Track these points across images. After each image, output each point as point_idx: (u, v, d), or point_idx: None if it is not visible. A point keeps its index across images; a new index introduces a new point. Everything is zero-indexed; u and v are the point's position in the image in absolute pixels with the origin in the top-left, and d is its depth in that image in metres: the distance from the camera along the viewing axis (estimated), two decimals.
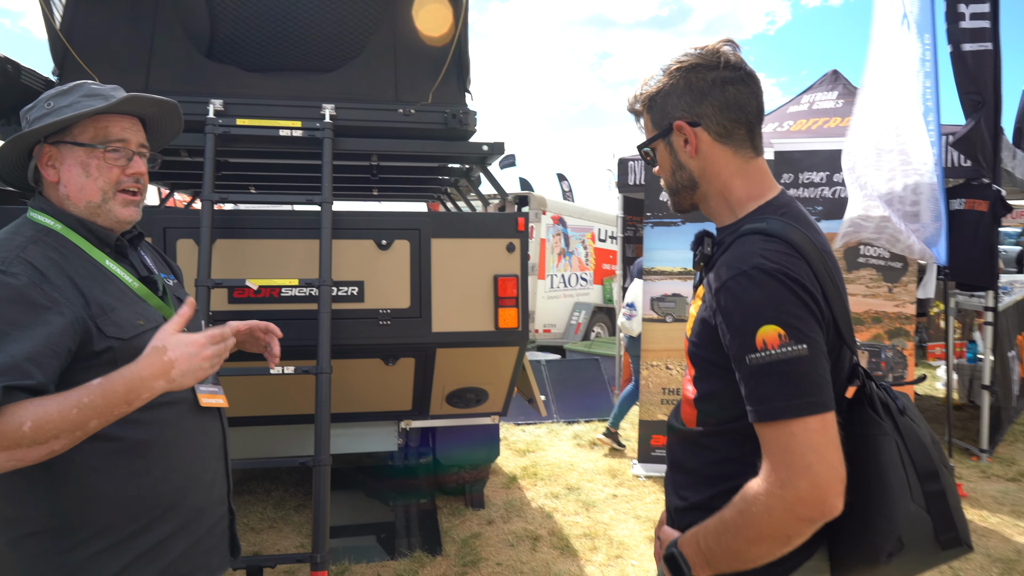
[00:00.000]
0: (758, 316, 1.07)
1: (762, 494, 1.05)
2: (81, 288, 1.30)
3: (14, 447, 1.14)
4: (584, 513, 4.32)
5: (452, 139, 3.28)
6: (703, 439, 1.24)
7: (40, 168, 1.41)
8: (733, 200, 1.26)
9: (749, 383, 1.09)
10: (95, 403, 1.20)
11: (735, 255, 1.15)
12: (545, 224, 9.00)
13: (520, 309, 3.19)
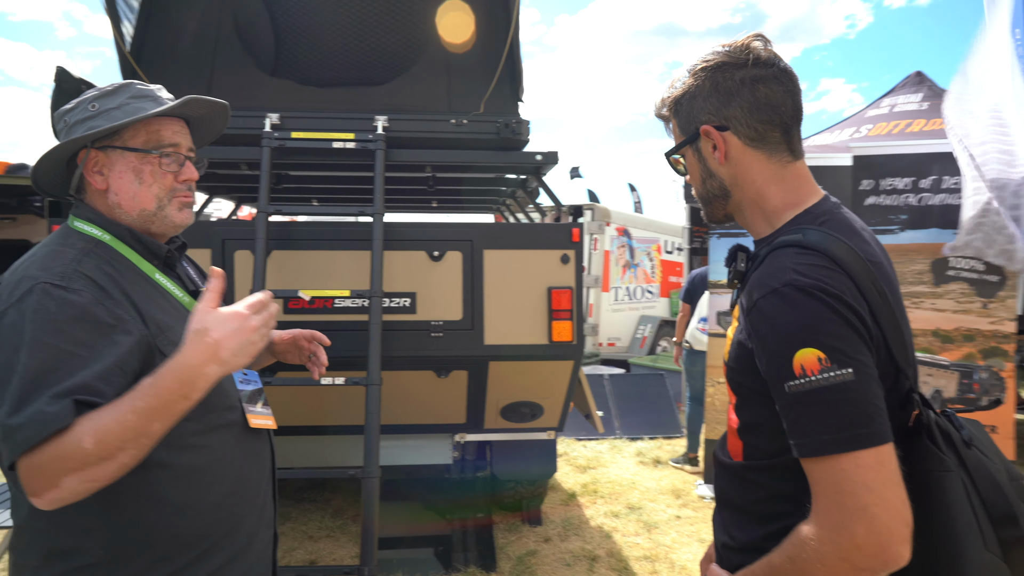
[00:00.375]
0: (794, 339, 0.96)
1: (813, 539, 0.94)
2: (138, 305, 1.23)
3: (82, 467, 1.07)
4: (645, 534, 4.16)
5: (505, 149, 3.23)
6: (749, 474, 1.13)
7: (86, 175, 1.31)
8: (769, 209, 1.15)
9: (790, 414, 0.98)
10: (151, 404, 1.11)
11: (766, 272, 1.04)
12: (609, 236, 8.87)
13: (574, 322, 3.11)
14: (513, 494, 4.31)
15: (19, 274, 1.19)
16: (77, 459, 1.06)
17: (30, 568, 1.20)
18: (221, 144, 3.09)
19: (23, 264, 1.21)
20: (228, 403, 1.34)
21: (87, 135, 1.26)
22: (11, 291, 1.16)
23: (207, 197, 4.51)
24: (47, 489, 1.07)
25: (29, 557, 1.21)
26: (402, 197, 4.97)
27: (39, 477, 1.07)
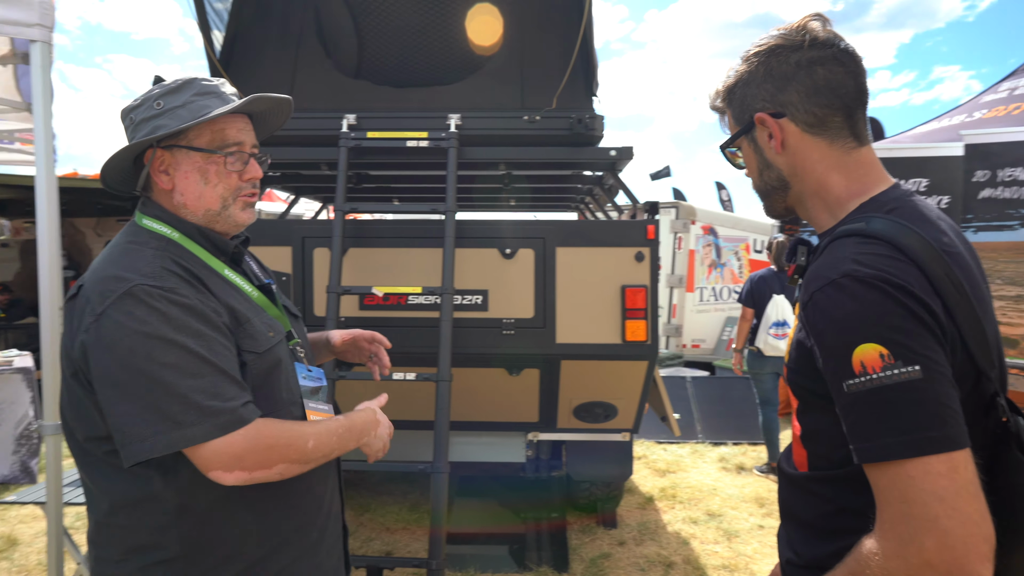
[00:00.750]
0: (853, 334, 0.88)
1: (878, 555, 0.86)
2: (219, 299, 1.26)
3: (297, 462, 1.22)
4: (725, 543, 4.01)
5: (579, 144, 3.18)
6: (814, 485, 1.06)
7: (152, 175, 1.31)
8: (831, 200, 1.07)
9: (850, 416, 0.90)
10: (342, 436, 1.32)
11: (823, 263, 0.97)
12: (694, 234, 8.61)
13: (649, 321, 3.03)
14: (588, 495, 4.25)
15: (103, 275, 1.20)
16: (299, 453, 1.22)
17: (111, 561, 1.25)
18: (302, 145, 3.20)
19: (103, 265, 1.23)
20: (292, 398, 1.37)
21: (152, 137, 1.27)
22: (101, 293, 1.17)
23: (293, 197, 4.69)
24: (259, 468, 1.18)
25: (110, 552, 1.25)
26: (479, 196, 5.00)
27: (256, 457, 1.17)
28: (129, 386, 1.13)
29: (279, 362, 1.33)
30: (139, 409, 1.12)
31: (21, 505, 4.52)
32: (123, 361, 1.13)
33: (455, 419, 3.57)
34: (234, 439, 1.14)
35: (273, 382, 1.32)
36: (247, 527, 1.27)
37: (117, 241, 1.29)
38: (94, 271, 1.23)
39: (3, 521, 4.26)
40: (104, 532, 1.26)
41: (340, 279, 2.85)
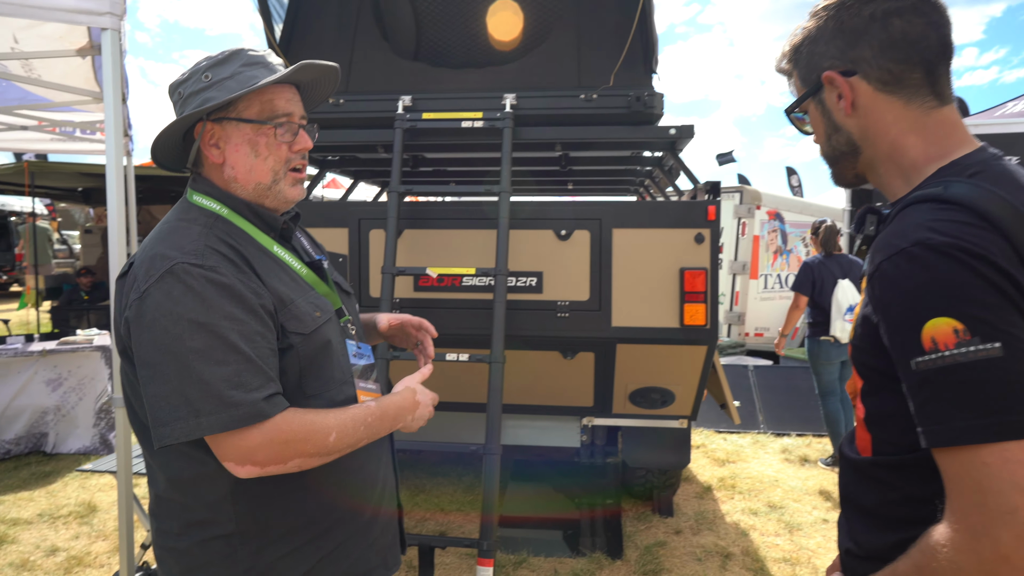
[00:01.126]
0: (923, 306, 0.81)
1: (947, 547, 0.79)
2: (263, 279, 1.24)
3: (315, 455, 1.19)
4: (786, 535, 3.89)
5: (637, 123, 3.10)
6: (879, 472, 0.98)
7: (203, 148, 1.29)
8: (906, 164, 0.98)
9: (918, 396, 0.83)
10: (373, 425, 1.28)
11: (893, 230, 0.89)
12: (759, 220, 8.35)
13: (709, 305, 2.93)
14: (644, 482, 4.18)
15: (149, 252, 1.20)
16: (318, 447, 1.19)
17: (172, 534, 1.28)
18: (359, 128, 3.23)
19: (151, 242, 1.23)
20: (344, 377, 1.35)
21: (201, 109, 1.25)
22: (147, 271, 1.17)
23: (352, 182, 4.75)
24: (271, 463, 1.16)
25: (170, 524, 1.28)
26: (537, 179, 4.96)
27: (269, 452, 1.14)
28: (160, 368, 1.13)
29: (328, 343, 1.31)
30: (166, 392, 1.12)
31: (100, 474, 4.77)
32: (156, 342, 1.13)
33: (509, 402, 3.56)
34: (249, 434, 1.13)
35: (323, 362, 1.30)
36: (301, 506, 1.27)
37: (168, 218, 1.29)
38: (143, 249, 1.23)
39: (84, 489, 4.50)
40: (164, 506, 1.28)
41: (395, 260, 2.86)
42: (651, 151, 3.67)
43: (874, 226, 1.03)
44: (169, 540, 1.28)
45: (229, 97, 1.25)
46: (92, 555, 3.58)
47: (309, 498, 1.28)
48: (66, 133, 5.86)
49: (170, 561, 1.29)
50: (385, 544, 1.42)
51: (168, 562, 1.29)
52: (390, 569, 1.43)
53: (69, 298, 9.41)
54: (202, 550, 1.24)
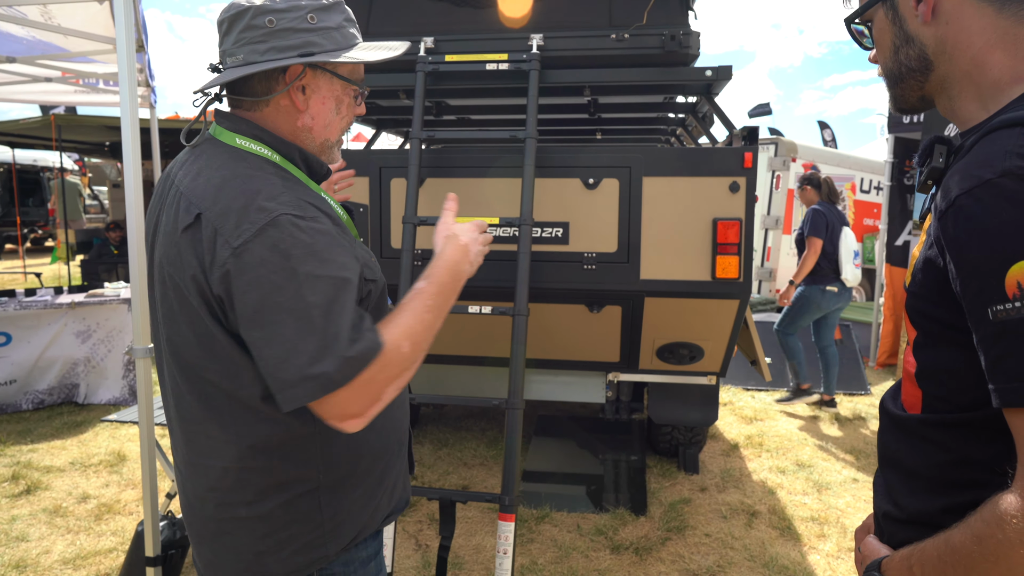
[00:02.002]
0: (1010, 246, 0.71)
1: (1017, 517, 0.70)
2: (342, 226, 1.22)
3: (401, 372, 1.13)
4: (814, 494, 3.81)
5: (672, 65, 2.94)
6: (930, 431, 0.89)
7: (291, 91, 1.21)
8: (987, 84, 0.85)
9: (992, 348, 0.73)
10: (439, 302, 1.21)
11: (975, 159, 0.77)
12: (795, 173, 8.08)
13: (742, 258, 2.81)
14: (669, 439, 4.13)
15: (237, 203, 1.09)
16: (400, 365, 1.12)
17: (243, 504, 1.20)
18: (378, 72, 3.10)
19: (227, 190, 1.11)
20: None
21: (316, 58, 1.18)
22: (238, 222, 1.07)
23: (374, 131, 4.64)
24: (371, 405, 1.11)
25: (242, 495, 1.20)
26: (565, 128, 4.80)
27: (366, 396, 1.09)
28: (278, 327, 1.05)
29: (386, 285, 1.31)
30: (287, 352, 1.04)
31: (128, 424, 4.85)
32: (269, 300, 1.05)
33: (533, 357, 3.50)
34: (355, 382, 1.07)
35: (383, 307, 1.29)
36: (369, 445, 1.28)
37: (221, 164, 1.17)
38: (216, 199, 1.11)
39: (114, 439, 4.58)
40: (232, 477, 1.20)
41: (416, 210, 2.77)
42: (685, 95, 3.50)
43: (943, 157, 0.90)
44: (240, 510, 1.20)
45: (349, 58, 1.22)
46: (121, 503, 3.64)
47: (374, 436, 1.28)
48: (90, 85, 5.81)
49: (239, 532, 1.21)
50: (404, 470, 1.45)
51: (236, 533, 1.22)
52: (408, 492, 1.47)
53: (99, 252, 9.53)
54: (285, 511, 1.20)
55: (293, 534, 1.21)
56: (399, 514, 1.41)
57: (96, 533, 3.33)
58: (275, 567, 1.22)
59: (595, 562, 3.09)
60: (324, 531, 1.23)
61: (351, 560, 1.28)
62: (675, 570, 3.03)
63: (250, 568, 1.22)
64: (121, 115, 2.54)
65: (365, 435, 1.26)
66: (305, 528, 1.22)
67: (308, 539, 1.22)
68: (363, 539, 1.30)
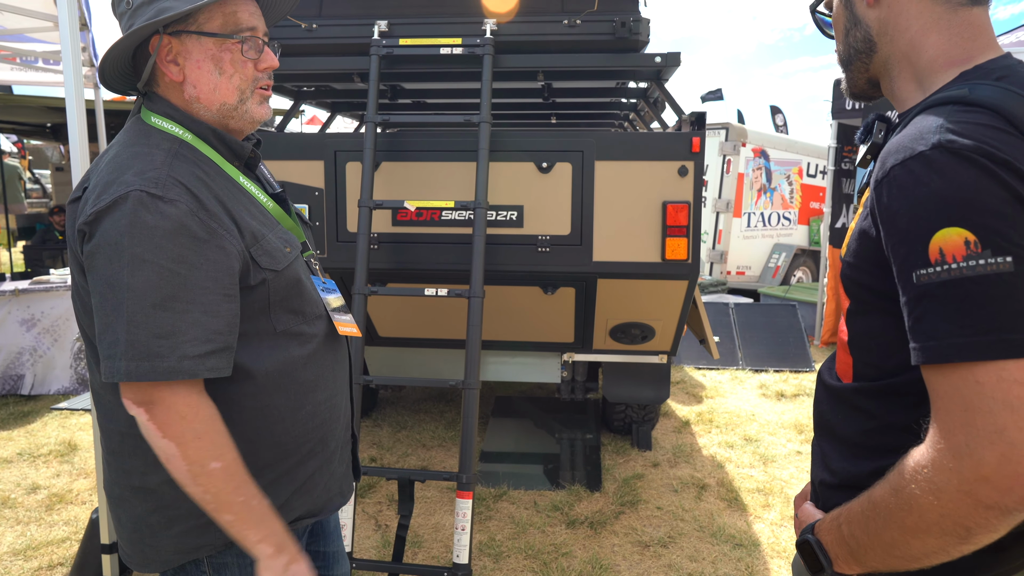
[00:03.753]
0: (935, 214, 0.75)
1: (927, 467, 0.76)
2: (232, 214, 1.17)
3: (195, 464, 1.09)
4: (761, 467, 3.98)
5: (623, 51, 2.99)
6: (859, 399, 0.95)
7: (160, 65, 1.18)
8: (922, 65, 0.91)
9: (916, 310, 0.78)
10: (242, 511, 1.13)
11: (909, 133, 0.82)
12: (744, 157, 8.28)
13: (691, 240, 2.90)
14: (623, 417, 4.25)
15: (105, 178, 1.11)
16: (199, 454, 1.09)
17: (137, 472, 1.20)
18: (333, 55, 3.09)
19: (109, 167, 1.13)
20: (317, 312, 1.32)
21: (159, 20, 1.12)
22: (98, 195, 1.09)
23: (329, 115, 4.60)
24: (160, 424, 1.09)
25: (134, 462, 1.20)
26: (520, 113, 4.83)
27: (166, 414, 1.09)
28: (102, 299, 1.08)
29: (299, 278, 1.27)
30: (103, 327, 1.07)
31: (80, 414, 4.75)
32: (100, 272, 1.07)
33: (490, 338, 3.55)
34: (161, 387, 1.08)
35: (295, 296, 1.26)
36: (279, 439, 1.25)
37: (124, 142, 1.18)
38: (100, 172, 1.14)
39: (64, 428, 4.48)
40: (128, 442, 1.19)
41: (372, 193, 2.78)
42: (636, 81, 3.57)
43: (883, 134, 0.96)
44: (134, 479, 1.20)
45: (189, 8, 1.13)
46: (74, 492, 3.59)
47: (284, 431, 1.25)
48: (28, 63, 5.60)
49: (134, 501, 1.21)
50: (341, 473, 1.42)
51: (132, 502, 1.21)
52: (345, 497, 1.43)
53: (43, 238, 9.20)
54: (172, 487, 1.16)
55: (182, 513, 1.19)
56: (321, 518, 1.38)
57: (47, 523, 3.28)
58: (164, 542, 1.21)
59: (551, 537, 3.18)
60: (211, 519, 1.17)
61: (246, 553, 1.18)
62: (628, 542, 3.14)
63: (143, 539, 1.22)
64: (66, 96, 2.48)
65: (268, 425, 1.23)
66: (193, 510, 1.16)
67: (195, 523, 1.19)
68: None
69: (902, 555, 0.81)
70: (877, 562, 0.84)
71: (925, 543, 0.78)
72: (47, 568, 2.92)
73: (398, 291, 2.77)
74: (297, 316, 1.27)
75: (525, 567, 2.94)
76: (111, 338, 1.06)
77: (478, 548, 3.08)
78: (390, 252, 3.00)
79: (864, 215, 0.90)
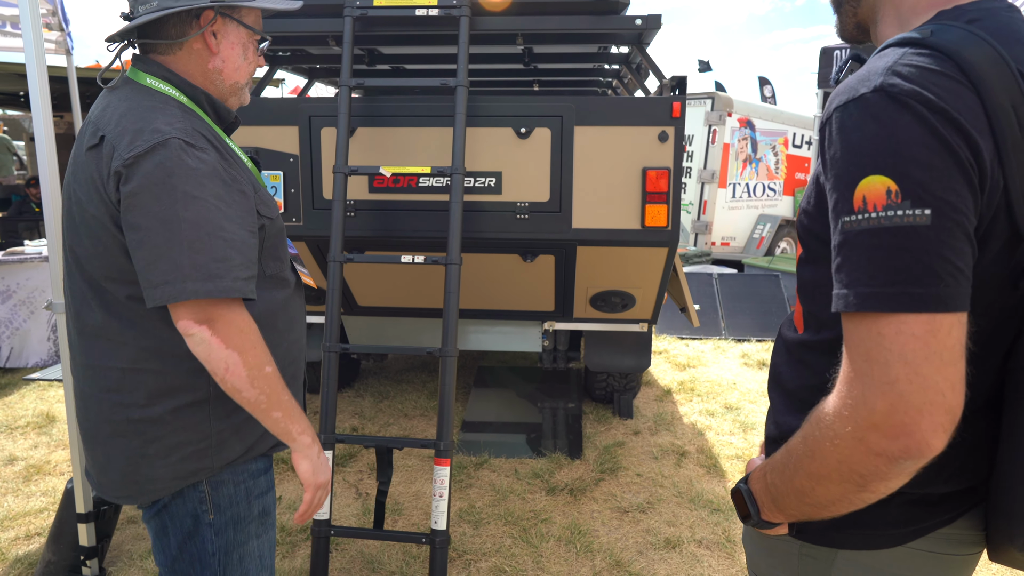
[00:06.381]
0: (865, 160, 0.73)
1: (829, 414, 0.77)
2: (239, 165, 1.36)
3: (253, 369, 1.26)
4: (740, 434, 4.01)
5: (602, 13, 2.93)
6: (803, 352, 0.95)
7: (205, 35, 1.35)
8: (906, 8, 0.88)
9: (837, 256, 0.77)
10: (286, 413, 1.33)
11: (859, 73, 0.79)
12: (730, 127, 8.23)
13: (670, 206, 2.87)
14: (604, 386, 4.26)
15: (133, 126, 1.23)
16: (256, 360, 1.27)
17: (137, 406, 1.31)
18: (306, 16, 3.01)
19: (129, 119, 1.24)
20: (288, 262, 1.53)
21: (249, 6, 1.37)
22: (133, 140, 1.20)
23: (306, 80, 4.51)
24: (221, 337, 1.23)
25: (136, 396, 1.31)
26: (502, 79, 4.76)
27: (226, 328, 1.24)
28: (152, 232, 1.19)
29: (283, 228, 1.48)
30: (156, 257, 1.19)
31: (58, 385, 4.70)
32: (148, 208, 1.19)
33: (470, 307, 3.53)
34: (219, 305, 1.23)
35: (280, 244, 1.46)
36: None
37: (130, 96, 1.30)
38: (117, 123, 1.24)
39: (42, 400, 4.44)
40: (130, 378, 1.31)
41: (347, 159, 2.73)
42: (617, 45, 3.51)
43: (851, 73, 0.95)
44: (133, 412, 1.31)
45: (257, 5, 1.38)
46: (52, 463, 3.57)
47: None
48: None
49: (131, 434, 1.32)
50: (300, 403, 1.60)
51: (127, 436, 1.32)
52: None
53: (19, 210, 9.04)
54: (174, 417, 1.31)
55: (181, 441, 1.33)
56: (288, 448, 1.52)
57: (25, 494, 3.26)
58: (161, 471, 1.33)
59: (531, 503, 3.20)
60: (210, 443, 1.35)
61: (241, 471, 1.41)
62: (607, 508, 3.17)
63: (138, 469, 1.33)
64: (26, 60, 2.40)
65: None
66: (193, 437, 1.33)
67: (194, 448, 1.34)
68: (252, 458, 1.43)
69: (812, 502, 0.82)
70: (793, 509, 0.86)
71: (828, 490, 0.79)
72: (24, 538, 2.91)
73: (374, 258, 2.74)
74: (280, 263, 1.46)
75: (504, 533, 2.96)
76: (168, 265, 1.19)
77: (458, 515, 3.09)
78: (367, 219, 2.96)
79: (815, 156, 0.89)
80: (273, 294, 1.43)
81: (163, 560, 1.41)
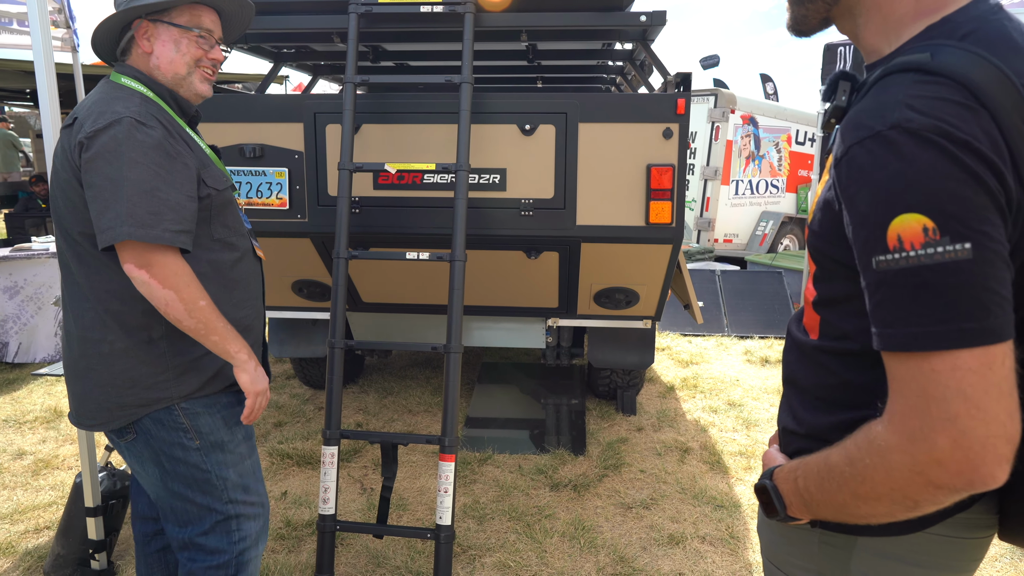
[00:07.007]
0: (894, 200, 0.73)
1: (882, 446, 0.77)
2: (188, 144, 1.66)
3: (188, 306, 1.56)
4: (743, 431, 4.02)
5: (605, 9, 2.94)
6: (822, 356, 0.96)
7: (137, 39, 1.67)
8: (893, 17, 0.86)
9: (874, 295, 0.77)
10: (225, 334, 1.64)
11: (868, 106, 0.78)
12: (733, 124, 8.22)
13: (675, 203, 2.88)
14: (608, 382, 4.27)
15: (97, 109, 1.56)
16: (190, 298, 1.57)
17: (105, 342, 1.62)
18: (310, 13, 3.02)
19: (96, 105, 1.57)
20: (241, 231, 1.82)
21: (144, 5, 1.61)
22: (96, 119, 1.53)
23: (311, 78, 4.52)
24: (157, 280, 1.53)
25: (103, 333, 1.62)
26: (506, 76, 4.77)
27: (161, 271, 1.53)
28: (102, 189, 1.51)
29: (232, 199, 1.78)
30: (104, 207, 1.50)
31: None
32: (100, 170, 1.51)
33: (474, 304, 3.55)
34: (154, 250, 1.52)
35: (230, 213, 1.77)
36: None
37: (103, 90, 1.62)
38: (88, 109, 1.57)
39: (50, 395, 4.47)
40: (96, 317, 1.62)
41: (352, 156, 2.74)
42: (621, 42, 3.52)
43: (846, 95, 0.92)
44: (103, 347, 1.62)
45: (164, 1, 1.63)
46: (60, 458, 3.59)
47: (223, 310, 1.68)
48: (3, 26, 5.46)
49: (101, 368, 1.63)
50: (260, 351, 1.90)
51: (96, 368, 1.63)
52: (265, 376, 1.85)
53: (25, 206, 9.08)
54: (137, 350, 1.63)
55: (144, 373, 1.63)
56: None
57: (34, 488, 3.28)
58: (128, 399, 1.64)
59: (535, 499, 3.21)
60: (169, 376, 1.66)
61: (212, 403, 1.73)
62: (611, 504, 3.18)
63: (109, 398, 1.64)
64: (35, 58, 2.42)
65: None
66: (153, 370, 1.64)
67: (156, 380, 1.64)
68: (217, 391, 1.73)
69: (851, 514, 0.84)
70: (827, 515, 0.88)
71: (874, 508, 0.81)
72: (34, 531, 2.93)
73: (378, 255, 2.75)
74: (229, 230, 1.75)
75: (508, 528, 2.97)
76: (112, 214, 1.49)
77: (463, 510, 3.11)
78: (372, 216, 2.97)
79: (829, 185, 0.88)
80: (221, 255, 1.72)
81: (154, 481, 1.73)
